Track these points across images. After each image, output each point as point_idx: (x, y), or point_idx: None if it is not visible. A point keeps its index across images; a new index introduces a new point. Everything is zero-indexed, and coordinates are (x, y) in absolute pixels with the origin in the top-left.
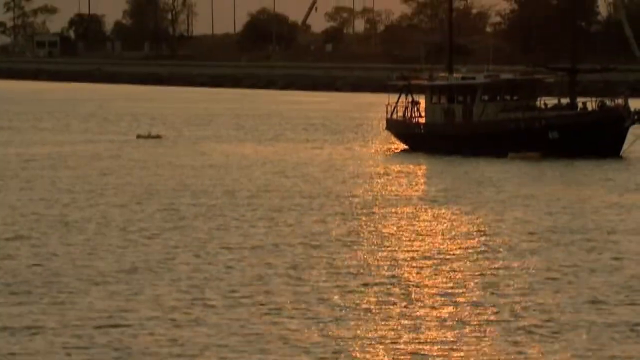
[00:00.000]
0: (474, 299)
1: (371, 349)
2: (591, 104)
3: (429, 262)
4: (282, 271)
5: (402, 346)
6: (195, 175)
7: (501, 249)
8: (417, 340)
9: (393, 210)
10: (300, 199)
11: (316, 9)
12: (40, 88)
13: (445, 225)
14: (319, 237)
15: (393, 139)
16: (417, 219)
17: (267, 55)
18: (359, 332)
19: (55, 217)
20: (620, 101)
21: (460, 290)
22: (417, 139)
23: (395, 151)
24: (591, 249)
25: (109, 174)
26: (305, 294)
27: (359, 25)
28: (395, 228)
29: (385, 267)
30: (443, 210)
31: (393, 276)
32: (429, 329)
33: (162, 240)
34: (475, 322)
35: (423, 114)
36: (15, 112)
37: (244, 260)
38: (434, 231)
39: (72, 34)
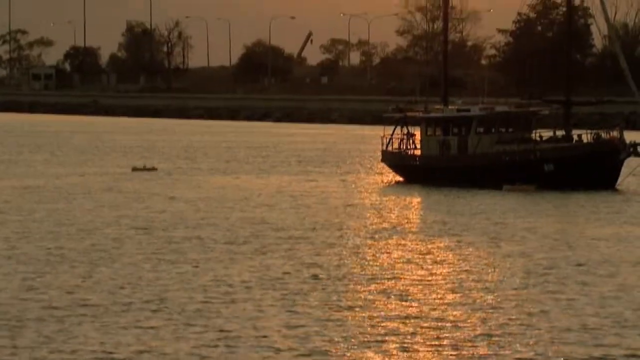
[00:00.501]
0: (467, 330)
1: None
2: (586, 136)
3: (423, 294)
4: (276, 304)
5: None
6: (190, 208)
7: (495, 281)
8: None
9: (388, 242)
10: (294, 230)
11: (312, 41)
12: (36, 120)
13: (439, 257)
14: (313, 269)
15: (388, 171)
16: (412, 251)
17: (263, 88)
18: None
19: (48, 250)
20: (615, 133)
21: (454, 323)
22: (412, 171)
23: (391, 183)
24: (585, 281)
25: (104, 206)
26: (299, 327)
27: (355, 57)
28: (390, 260)
29: (380, 300)
30: (438, 242)
31: (387, 308)
32: None
33: (156, 273)
34: (468, 354)
35: (418, 146)
36: (11, 144)
37: (237, 293)
38: (428, 263)
39: (67, 66)
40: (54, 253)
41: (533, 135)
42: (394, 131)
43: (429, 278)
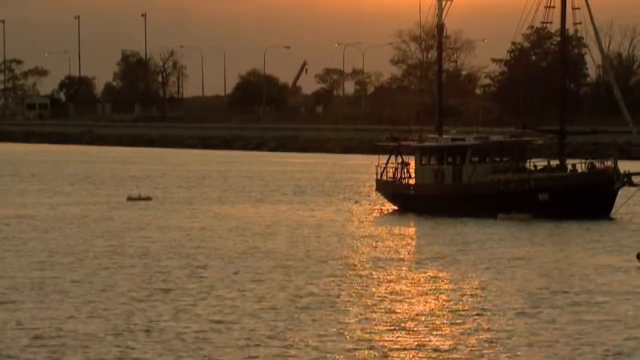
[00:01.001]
0: (462, 358)
1: None
2: (581, 165)
3: (418, 324)
4: (269, 332)
5: None
6: (184, 238)
7: (489, 311)
8: None
9: (383, 271)
10: (289, 260)
11: (306, 70)
12: (31, 150)
13: (433, 286)
14: (307, 299)
15: (383, 200)
16: (406, 281)
17: (258, 117)
18: None
19: (43, 280)
20: (609, 163)
21: (448, 352)
22: (407, 200)
23: (385, 212)
24: (578, 311)
25: (99, 236)
26: (291, 358)
27: (349, 87)
28: (384, 290)
29: (374, 330)
30: (432, 272)
31: (382, 338)
32: None
33: (150, 303)
34: None
35: (413, 175)
36: (6, 173)
37: (231, 323)
38: (422, 293)
39: (62, 96)
40: (47, 282)
41: (527, 164)
42: (388, 160)
43: (423, 307)
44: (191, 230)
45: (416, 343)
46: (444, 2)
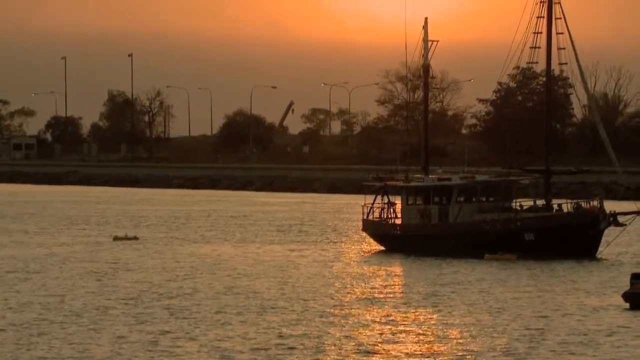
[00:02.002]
0: None
1: None
2: (567, 205)
3: None
4: None
5: None
6: (170, 277)
7: (475, 352)
8: None
9: (368, 312)
10: (275, 300)
11: (293, 110)
12: (16, 190)
13: (419, 327)
14: (292, 340)
15: (369, 240)
16: (392, 321)
17: (244, 157)
18: None
19: (27, 320)
20: (595, 203)
21: None
22: (393, 240)
23: (372, 252)
24: (564, 351)
25: (84, 276)
26: None
27: (336, 126)
28: (370, 330)
29: None
30: (419, 312)
31: None
32: None
33: (135, 343)
34: None
35: (399, 215)
36: None
37: None
38: (408, 333)
39: (49, 136)
40: (33, 323)
41: (513, 204)
42: (374, 200)
43: (410, 348)
44: (177, 269)
45: None
46: (429, 43)
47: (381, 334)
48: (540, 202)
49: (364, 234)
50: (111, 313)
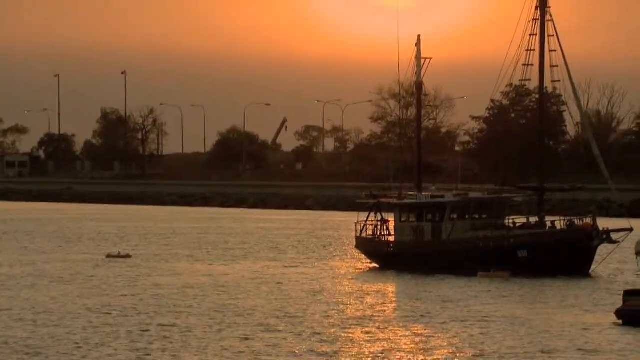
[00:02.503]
0: None
1: None
2: (560, 222)
3: None
4: None
5: None
6: (163, 295)
7: None
8: None
9: (361, 329)
10: (269, 318)
11: (286, 128)
12: (9, 208)
13: (413, 345)
14: (283, 359)
15: (363, 257)
16: (385, 338)
17: (238, 174)
18: None
19: (24, 339)
20: (588, 220)
21: None
22: (386, 258)
23: (365, 270)
24: None
25: (77, 294)
26: None
27: (329, 144)
28: (362, 347)
29: None
30: (412, 330)
31: None
32: None
33: None
34: None
35: (392, 232)
36: None
37: None
38: (403, 351)
39: (42, 153)
40: (24, 342)
41: (506, 221)
42: (367, 217)
43: None
44: (170, 287)
45: None
46: (422, 60)
47: (373, 351)
48: (533, 220)
49: (358, 251)
50: (104, 331)
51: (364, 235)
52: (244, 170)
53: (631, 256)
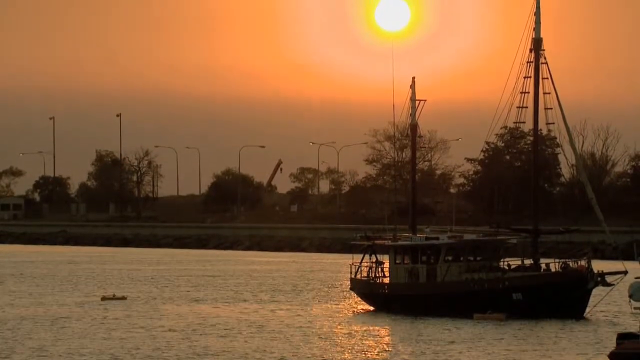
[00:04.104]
0: None
1: None
2: (554, 265)
3: None
4: None
5: None
6: (157, 337)
7: None
8: None
9: None
10: None
11: (281, 170)
12: (4, 251)
13: None
14: None
15: (357, 299)
16: None
17: (232, 216)
18: None
19: None
20: (583, 263)
21: None
22: (381, 299)
23: (360, 311)
24: None
25: (71, 337)
26: None
27: (324, 185)
28: None
29: None
30: None
31: None
32: None
33: None
34: None
35: (387, 274)
36: None
37: None
38: None
39: (37, 196)
40: None
41: (501, 263)
42: (362, 259)
43: None
44: (165, 329)
45: None
46: (417, 102)
47: None
48: (528, 262)
49: (352, 293)
50: None
51: (358, 276)
52: (239, 212)
53: (626, 298)
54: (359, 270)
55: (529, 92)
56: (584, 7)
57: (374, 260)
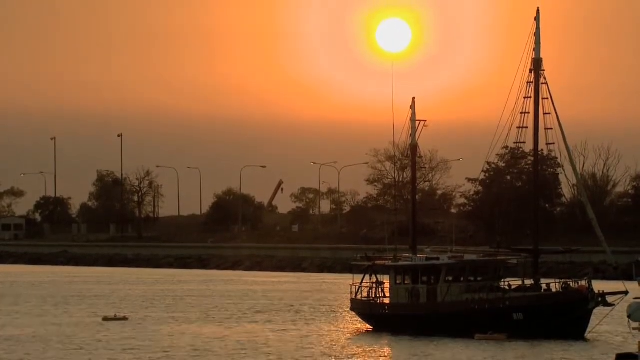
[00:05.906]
0: None
1: None
2: (555, 285)
3: None
4: None
5: None
6: (160, 358)
7: None
8: None
9: None
10: None
11: (282, 190)
12: (5, 271)
13: None
14: None
15: (358, 319)
16: None
17: (234, 236)
18: None
19: None
20: (584, 283)
21: None
22: (381, 320)
23: (360, 332)
24: None
25: (72, 358)
26: None
27: (325, 205)
28: None
29: None
30: None
31: None
32: None
33: None
34: None
35: (387, 294)
36: None
37: None
38: None
39: (38, 216)
40: None
41: (502, 284)
42: (363, 279)
43: None
44: (167, 349)
45: None
46: (417, 123)
47: None
48: (528, 282)
49: (353, 313)
50: None
51: (359, 297)
52: (240, 233)
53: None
54: (359, 290)
55: (529, 113)
56: (584, 28)
57: (374, 280)
